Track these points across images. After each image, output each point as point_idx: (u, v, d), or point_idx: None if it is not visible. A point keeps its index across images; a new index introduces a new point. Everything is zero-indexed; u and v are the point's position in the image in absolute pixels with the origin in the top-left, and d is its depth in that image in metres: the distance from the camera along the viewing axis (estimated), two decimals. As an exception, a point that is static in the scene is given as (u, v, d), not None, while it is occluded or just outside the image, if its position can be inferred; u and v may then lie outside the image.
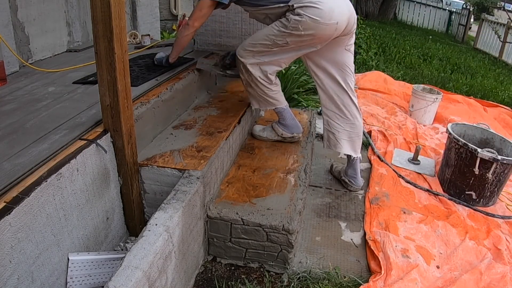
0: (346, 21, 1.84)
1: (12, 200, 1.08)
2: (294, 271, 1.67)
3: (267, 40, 1.90)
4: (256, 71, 1.99)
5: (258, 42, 1.94)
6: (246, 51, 1.98)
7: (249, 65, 1.98)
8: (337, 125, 2.13)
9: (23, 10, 2.31)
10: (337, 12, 1.79)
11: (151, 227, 1.25)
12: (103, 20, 1.28)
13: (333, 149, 2.20)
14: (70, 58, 2.54)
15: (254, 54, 1.96)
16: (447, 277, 1.69)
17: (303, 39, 1.84)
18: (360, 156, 2.23)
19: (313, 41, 1.86)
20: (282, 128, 2.23)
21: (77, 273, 1.38)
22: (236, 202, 1.71)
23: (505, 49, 7.92)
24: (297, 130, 2.24)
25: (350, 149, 2.17)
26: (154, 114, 1.82)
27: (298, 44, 1.88)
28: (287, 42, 1.86)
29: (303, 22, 1.77)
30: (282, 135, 2.24)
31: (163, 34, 4.83)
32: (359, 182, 2.30)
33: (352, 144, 2.17)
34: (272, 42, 1.89)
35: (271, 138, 2.28)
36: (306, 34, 1.81)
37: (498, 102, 4.40)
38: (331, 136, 2.18)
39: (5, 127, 1.48)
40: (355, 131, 2.14)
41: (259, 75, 2.01)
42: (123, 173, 1.56)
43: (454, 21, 11.88)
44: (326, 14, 1.76)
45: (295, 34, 1.82)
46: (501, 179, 2.21)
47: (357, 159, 2.23)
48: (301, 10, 1.78)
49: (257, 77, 2.01)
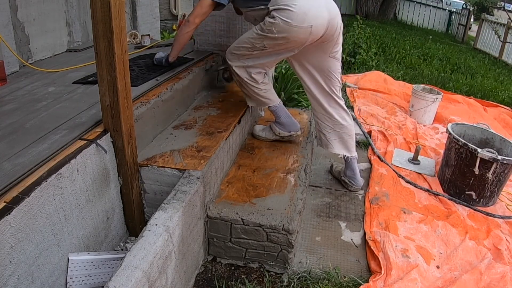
0: (325, 26, 1.82)
1: (12, 200, 1.08)
2: (294, 271, 1.67)
3: (247, 44, 1.93)
4: (242, 73, 2.04)
5: (241, 45, 1.97)
6: (232, 55, 2.03)
7: (236, 68, 2.04)
8: (326, 126, 2.16)
9: (23, 10, 2.31)
10: (311, 16, 1.77)
11: (151, 227, 1.25)
12: (103, 20, 1.28)
13: (325, 149, 2.23)
14: (70, 58, 2.54)
15: (239, 57, 2.00)
16: (447, 277, 1.69)
17: (278, 42, 1.85)
18: (355, 155, 2.24)
19: (288, 44, 1.86)
20: (279, 127, 2.23)
21: (77, 273, 1.38)
22: (236, 202, 1.72)
23: (505, 49, 7.92)
24: (294, 128, 2.24)
25: (342, 149, 2.19)
26: (154, 114, 1.82)
27: (275, 47, 1.89)
28: (264, 45, 1.88)
29: (276, 25, 1.78)
30: (279, 134, 2.25)
31: (163, 34, 4.83)
32: (358, 182, 2.29)
33: (344, 144, 2.18)
34: (252, 45, 1.91)
35: (270, 138, 2.29)
36: (280, 37, 1.81)
37: (498, 102, 4.40)
38: (322, 137, 2.22)
39: (5, 127, 1.48)
40: (345, 132, 2.15)
41: (246, 76, 2.05)
42: (123, 173, 1.56)
43: (454, 21, 11.88)
44: (299, 17, 1.75)
45: (270, 37, 1.83)
46: (501, 179, 2.21)
47: (352, 158, 2.23)
48: (275, 13, 1.79)
49: (243, 79, 2.05)
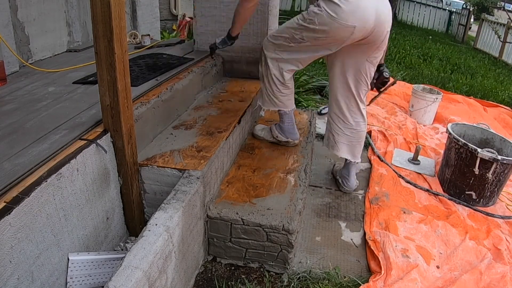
0: (368, 30, 1.75)
1: (12, 200, 1.08)
2: (294, 271, 1.67)
3: (286, 33, 1.87)
4: (274, 67, 1.98)
5: (280, 34, 1.91)
6: (269, 43, 1.97)
7: (269, 59, 1.97)
8: (338, 128, 2.11)
9: (23, 10, 2.31)
10: (358, 16, 1.70)
11: (151, 227, 1.25)
12: (103, 20, 1.27)
13: (331, 150, 2.19)
14: (70, 58, 2.54)
15: (275, 48, 1.94)
16: (447, 277, 1.69)
17: (317, 36, 1.78)
18: (359, 161, 2.20)
19: (326, 40, 1.79)
20: (279, 131, 2.20)
21: (77, 273, 1.38)
22: (236, 202, 1.72)
23: (505, 49, 7.92)
24: (293, 137, 2.20)
25: (348, 153, 2.15)
26: (154, 114, 1.82)
27: (312, 42, 1.82)
28: (303, 37, 1.82)
29: (320, 16, 1.72)
30: (277, 138, 2.21)
31: (163, 34, 4.84)
32: (351, 184, 2.26)
33: (351, 149, 2.14)
34: (291, 36, 1.85)
35: (267, 139, 2.27)
36: (320, 30, 1.75)
37: (498, 102, 4.39)
38: (330, 137, 2.17)
39: (5, 127, 1.48)
40: (355, 137, 2.11)
41: (275, 72, 1.99)
42: (123, 173, 1.56)
43: (454, 21, 11.88)
44: (344, 14, 1.69)
45: (310, 29, 1.77)
46: (501, 179, 2.21)
47: (354, 163, 2.20)
48: (322, 3, 1.72)
49: (272, 75, 1.99)
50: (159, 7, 4.30)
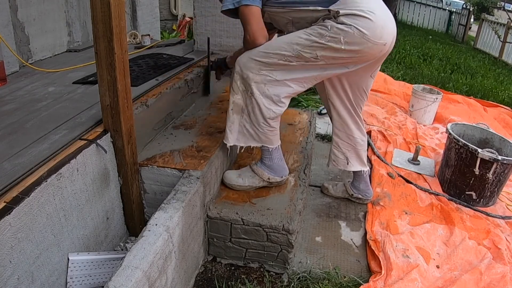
0: (390, 45, 1.55)
1: (12, 200, 1.08)
2: (294, 271, 1.67)
3: (288, 51, 1.51)
4: (260, 94, 1.58)
5: (274, 51, 1.52)
6: (253, 62, 1.55)
7: (253, 84, 1.57)
8: (348, 144, 1.93)
9: (23, 10, 2.31)
10: (388, 32, 1.48)
11: (151, 227, 1.25)
12: (103, 20, 1.28)
13: (343, 168, 1.98)
14: (70, 58, 2.54)
15: (261, 68, 1.55)
16: (447, 277, 1.69)
17: (339, 56, 1.48)
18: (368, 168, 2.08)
19: (350, 60, 1.50)
20: (268, 172, 1.76)
21: (77, 273, 1.38)
22: (236, 202, 1.71)
23: (505, 49, 7.93)
24: (285, 172, 1.82)
25: (359, 165, 1.98)
26: (154, 114, 1.82)
27: (329, 61, 1.51)
28: (316, 56, 1.49)
29: (349, 35, 1.43)
30: (269, 180, 1.77)
31: (163, 34, 4.84)
32: (371, 192, 2.15)
33: (360, 159, 1.98)
34: (296, 54, 1.50)
35: (255, 186, 1.79)
36: (347, 50, 1.45)
37: (498, 102, 4.40)
38: (340, 156, 1.96)
39: (5, 127, 1.48)
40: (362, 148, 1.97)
41: (264, 103, 1.58)
42: (123, 173, 1.56)
43: (454, 21, 11.89)
44: (377, 31, 1.44)
45: (331, 48, 1.46)
46: (501, 179, 2.21)
47: (366, 171, 2.05)
48: (347, 19, 1.42)
49: (260, 104, 1.59)
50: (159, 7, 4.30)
